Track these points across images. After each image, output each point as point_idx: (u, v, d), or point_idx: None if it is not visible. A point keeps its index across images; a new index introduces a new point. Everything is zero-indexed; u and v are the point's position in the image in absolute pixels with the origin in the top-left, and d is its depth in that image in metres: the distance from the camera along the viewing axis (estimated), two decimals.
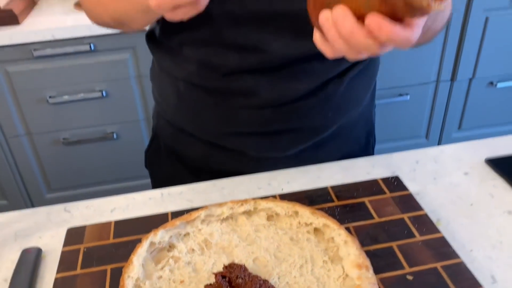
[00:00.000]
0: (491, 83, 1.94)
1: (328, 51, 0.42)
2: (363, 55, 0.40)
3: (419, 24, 0.37)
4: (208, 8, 0.49)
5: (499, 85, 1.93)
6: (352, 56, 0.40)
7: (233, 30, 0.63)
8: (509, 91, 1.98)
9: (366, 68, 0.76)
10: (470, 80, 1.93)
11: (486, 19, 1.79)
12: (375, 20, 0.35)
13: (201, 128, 0.77)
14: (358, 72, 0.74)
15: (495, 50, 1.87)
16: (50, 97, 1.59)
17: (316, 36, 0.42)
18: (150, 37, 0.77)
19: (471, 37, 1.83)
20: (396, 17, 0.36)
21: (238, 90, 0.69)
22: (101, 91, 1.61)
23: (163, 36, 0.73)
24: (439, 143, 2.06)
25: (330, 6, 0.39)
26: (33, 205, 1.85)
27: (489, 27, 1.80)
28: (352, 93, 0.74)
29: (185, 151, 0.81)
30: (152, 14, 0.57)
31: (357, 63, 0.74)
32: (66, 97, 1.60)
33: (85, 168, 1.80)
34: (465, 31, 1.80)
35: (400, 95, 1.89)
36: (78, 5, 1.63)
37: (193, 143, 0.79)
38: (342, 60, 0.69)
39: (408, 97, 1.90)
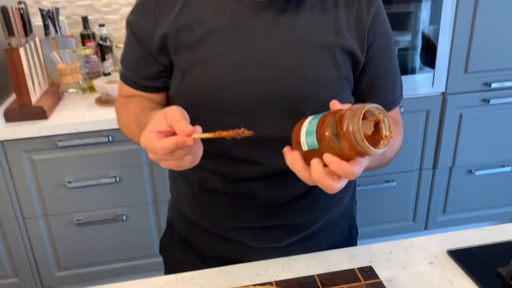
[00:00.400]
0: (470, 171, 2.11)
1: None
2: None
3: (362, 162, 0.57)
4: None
5: (477, 173, 2.10)
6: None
7: (238, 148, 0.81)
8: (486, 178, 2.14)
9: None
10: (451, 168, 2.10)
11: (460, 115, 1.99)
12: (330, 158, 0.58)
13: (211, 222, 0.92)
14: None
15: (471, 142, 2.05)
16: (68, 182, 1.74)
17: None
18: None
19: (448, 131, 2.01)
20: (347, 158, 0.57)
21: (242, 194, 0.86)
22: (115, 177, 1.77)
23: None
24: (425, 226, 2.19)
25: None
26: (42, 283, 1.93)
27: (464, 122, 2.00)
28: (334, 195, 0.90)
29: (196, 240, 0.96)
30: None
31: None
32: (83, 183, 1.75)
33: (94, 248, 1.89)
34: (443, 125, 2.00)
35: (387, 181, 2.05)
36: (99, 101, 1.84)
37: (203, 234, 0.93)
38: None
39: (394, 183, 2.05)
